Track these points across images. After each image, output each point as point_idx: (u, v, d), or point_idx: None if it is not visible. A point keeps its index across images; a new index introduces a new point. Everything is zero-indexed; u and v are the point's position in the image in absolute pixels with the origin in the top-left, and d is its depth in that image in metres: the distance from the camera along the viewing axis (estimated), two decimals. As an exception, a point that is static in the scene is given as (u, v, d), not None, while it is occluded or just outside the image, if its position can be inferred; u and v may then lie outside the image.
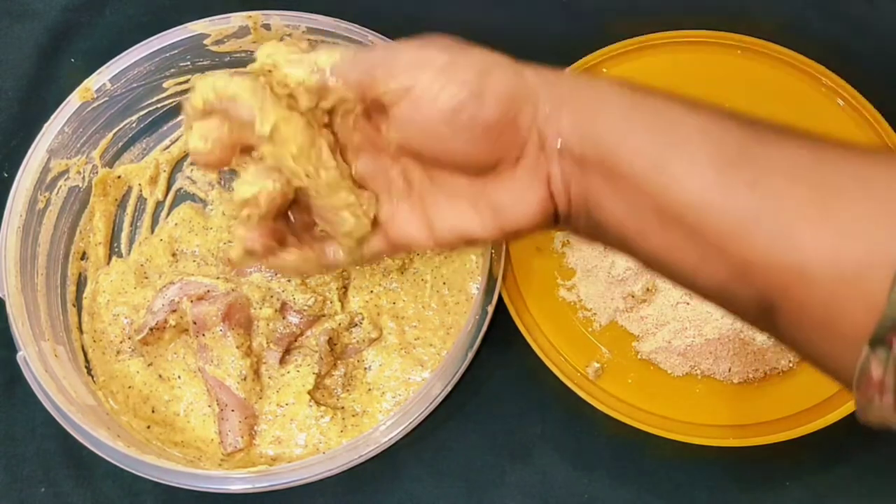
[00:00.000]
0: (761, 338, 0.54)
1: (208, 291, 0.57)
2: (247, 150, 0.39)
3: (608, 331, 0.57)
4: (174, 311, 0.57)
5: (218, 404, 0.56)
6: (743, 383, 0.55)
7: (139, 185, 0.64)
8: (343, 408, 0.57)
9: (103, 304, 0.60)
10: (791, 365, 0.55)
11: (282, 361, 0.57)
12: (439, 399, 0.52)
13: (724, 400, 0.55)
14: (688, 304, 0.55)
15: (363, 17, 0.61)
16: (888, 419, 0.30)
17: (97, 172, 0.63)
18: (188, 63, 0.63)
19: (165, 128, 0.65)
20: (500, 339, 0.57)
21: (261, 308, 0.57)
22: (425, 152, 0.37)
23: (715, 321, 0.54)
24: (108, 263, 0.62)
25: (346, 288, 0.59)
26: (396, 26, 0.63)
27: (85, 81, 0.60)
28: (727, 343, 0.54)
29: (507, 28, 0.68)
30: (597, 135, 0.35)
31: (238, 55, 0.63)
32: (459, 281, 0.59)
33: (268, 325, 0.57)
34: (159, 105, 0.64)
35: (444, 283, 0.59)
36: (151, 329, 0.57)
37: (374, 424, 0.55)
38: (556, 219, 0.38)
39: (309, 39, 0.57)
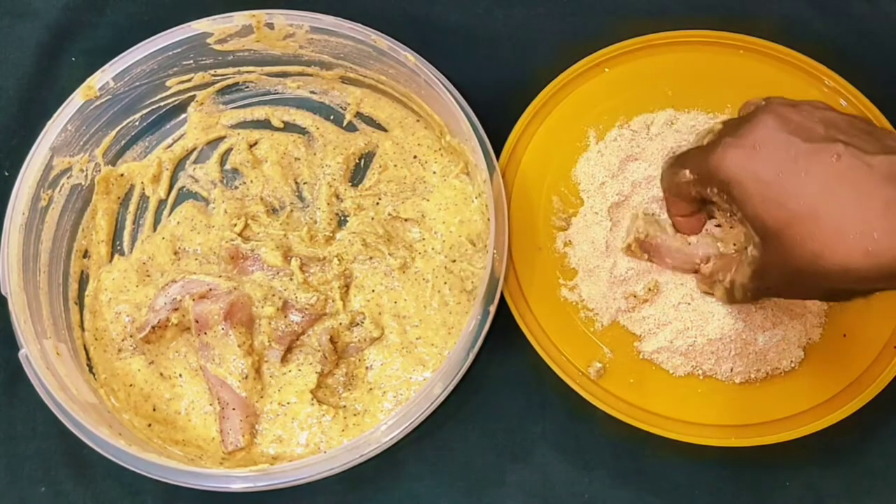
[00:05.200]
0: (763, 338, 0.55)
1: (210, 290, 0.57)
2: None
3: (610, 331, 0.57)
4: (176, 309, 0.57)
5: (219, 403, 0.56)
6: (744, 383, 0.55)
7: (142, 183, 0.64)
8: (344, 407, 0.57)
9: (105, 302, 0.60)
10: (793, 365, 0.55)
11: (283, 360, 0.57)
12: (440, 399, 0.52)
13: (724, 400, 0.55)
14: (689, 304, 0.55)
15: (365, 17, 0.61)
16: None
17: (100, 170, 0.63)
18: (191, 62, 0.63)
19: (168, 126, 0.65)
20: (501, 338, 0.57)
21: (263, 306, 0.57)
22: None
23: (717, 321, 0.54)
24: (111, 261, 0.62)
25: (347, 287, 0.59)
26: (398, 26, 0.64)
27: (88, 79, 0.60)
28: (729, 343, 0.54)
29: (507, 28, 0.68)
30: None
31: (241, 54, 0.63)
32: (461, 280, 0.59)
33: (269, 323, 0.57)
34: (162, 103, 0.64)
35: (446, 283, 0.59)
36: (153, 327, 0.57)
37: (375, 424, 0.55)
38: None
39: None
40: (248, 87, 0.66)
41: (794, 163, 0.41)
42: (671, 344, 0.55)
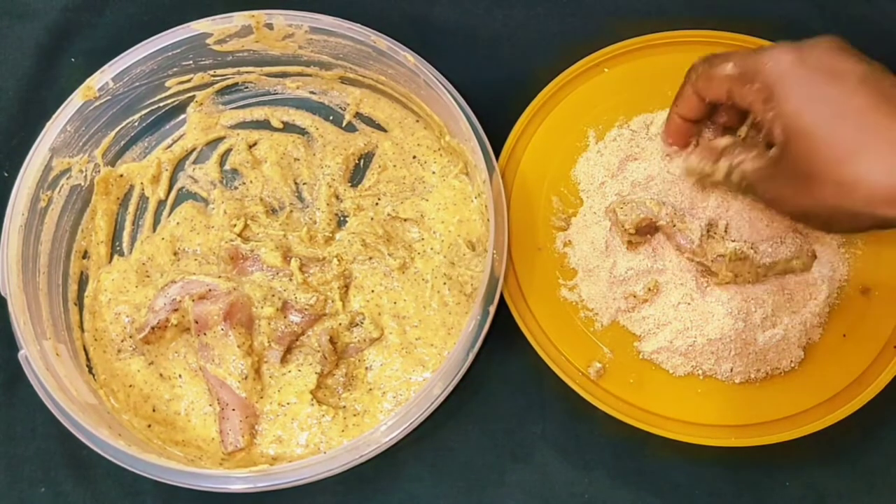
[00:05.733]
0: (763, 338, 0.55)
1: (210, 290, 0.57)
2: None
3: (610, 331, 0.57)
4: (176, 310, 0.57)
5: (219, 403, 0.56)
6: (744, 383, 0.55)
7: (141, 183, 0.64)
8: (344, 407, 0.57)
9: (105, 303, 0.60)
10: (793, 365, 0.55)
11: (283, 360, 0.57)
12: (440, 399, 0.52)
13: (724, 400, 0.55)
14: (689, 304, 0.55)
15: (365, 17, 0.61)
16: None
17: (99, 171, 0.63)
18: (190, 62, 0.63)
19: (167, 126, 0.65)
20: (501, 339, 0.57)
21: (262, 307, 0.57)
22: None
23: (717, 321, 0.54)
24: (110, 262, 0.62)
25: (347, 287, 0.59)
26: (398, 26, 0.64)
27: (87, 80, 0.60)
28: (728, 343, 0.54)
29: (507, 28, 0.68)
30: None
31: (240, 54, 0.63)
32: (460, 281, 0.59)
33: (269, 324, 0.57)
34: (161, 104, 0.64)
35: (445, 283, 0.59)
36: (153, 328, 0.57)
37: (375, 424, 0.55)
38: None
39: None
40: (247, 88, 0.66)
41: (848, 76, 0.43)
42: (671, 344, 0.55)
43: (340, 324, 0.58)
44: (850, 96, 0.42)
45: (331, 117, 0.66)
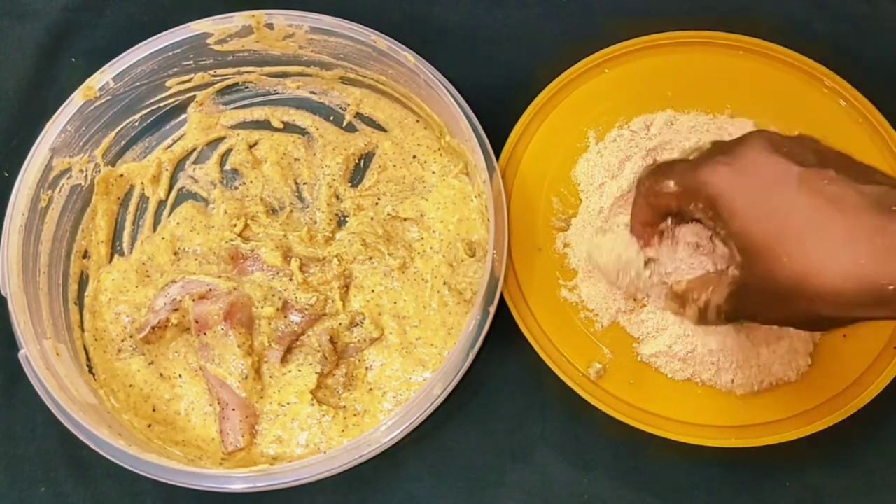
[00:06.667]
0: (767, 351, 0.54)
1: (210, 290, 0.57)
2: None
3: (610, 332, 0.57)
4: (176, 309, 0.57)
5: (219, 403, 0.56)
6: (746, 395, 0.55)
7: (141, 183, 0.64)
8: (344, 407, 0.57)
9: (105, 303, 0.60)
10: (799, 375, 0.55)
11: (283, 360, 0.57)
12: (440, 399, 0.52)
13: (724, 402, 0.55)
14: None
15: (365, 17, 0.61)
16: None
17: (99, 171, 0.63)
18: (191, 62, 0.63)
19: (168, 126, 0.65)
20: (501, 339, 0.57)
21: (262, 307, 0.57)
22: None
23: (719, 332, 0.54)
24: (110, 262, 0.62)
25: (347, 287, 0.59)
26: (398, 26, 0.64)
27: (88, 80, 0.60)
28: (729, 354, 0.54)
29: (507, 28, 0.68)
30: None
31: (241, 54, 0.63)
32: (459, 289, 0.59)
33: (269, 323, 0.57)
34: (162, 104, 0.64)
35: (445, 283, 0.59)
36: (153, 328, 0.57)
37: (375, 424, 0.55)
38: None
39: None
40: (247, 88, 0.66)
41: (785, 181, 0.42)
42: (669, 349, 0.55)
43: (340, 324, 0.58)
44: (793, 207, 0.41)
45: (331, 117, 0.66)
